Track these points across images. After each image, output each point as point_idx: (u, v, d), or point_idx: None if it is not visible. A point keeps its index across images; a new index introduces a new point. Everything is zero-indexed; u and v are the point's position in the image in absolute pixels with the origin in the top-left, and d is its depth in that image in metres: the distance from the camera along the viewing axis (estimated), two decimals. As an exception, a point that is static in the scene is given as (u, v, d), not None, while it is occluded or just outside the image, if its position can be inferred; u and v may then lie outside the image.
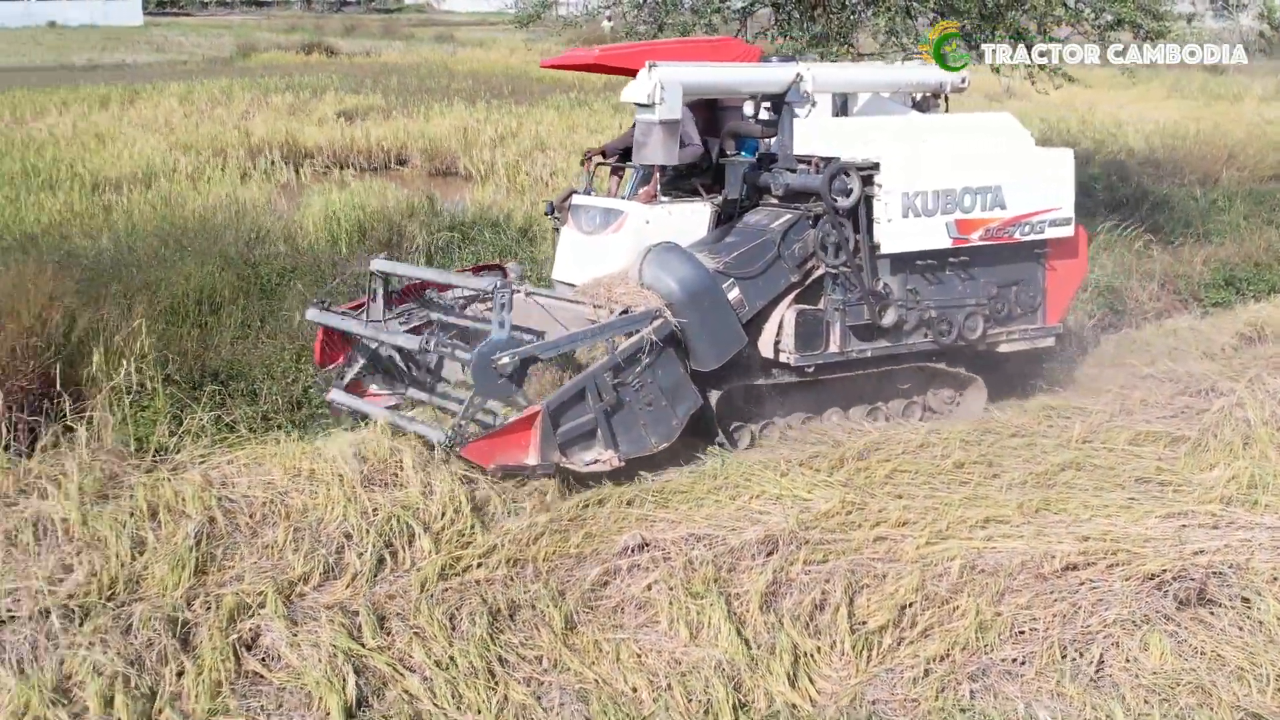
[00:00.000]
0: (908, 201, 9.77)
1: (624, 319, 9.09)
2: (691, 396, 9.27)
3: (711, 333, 9.40)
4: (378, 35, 57.54)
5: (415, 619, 7.06)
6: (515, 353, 8.57)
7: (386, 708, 6.33)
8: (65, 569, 7.52)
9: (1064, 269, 10.84)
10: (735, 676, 6.55)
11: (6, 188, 16.95)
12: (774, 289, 9.77)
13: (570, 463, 8.75)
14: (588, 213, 10.47)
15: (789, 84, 10.15)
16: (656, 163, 9.93)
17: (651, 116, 9.57)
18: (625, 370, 8.94)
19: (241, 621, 7.00)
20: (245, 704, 6.31)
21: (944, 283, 10.29)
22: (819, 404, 10.26)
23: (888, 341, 10.12)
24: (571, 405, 8.75)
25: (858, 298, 9.83)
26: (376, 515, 8.08)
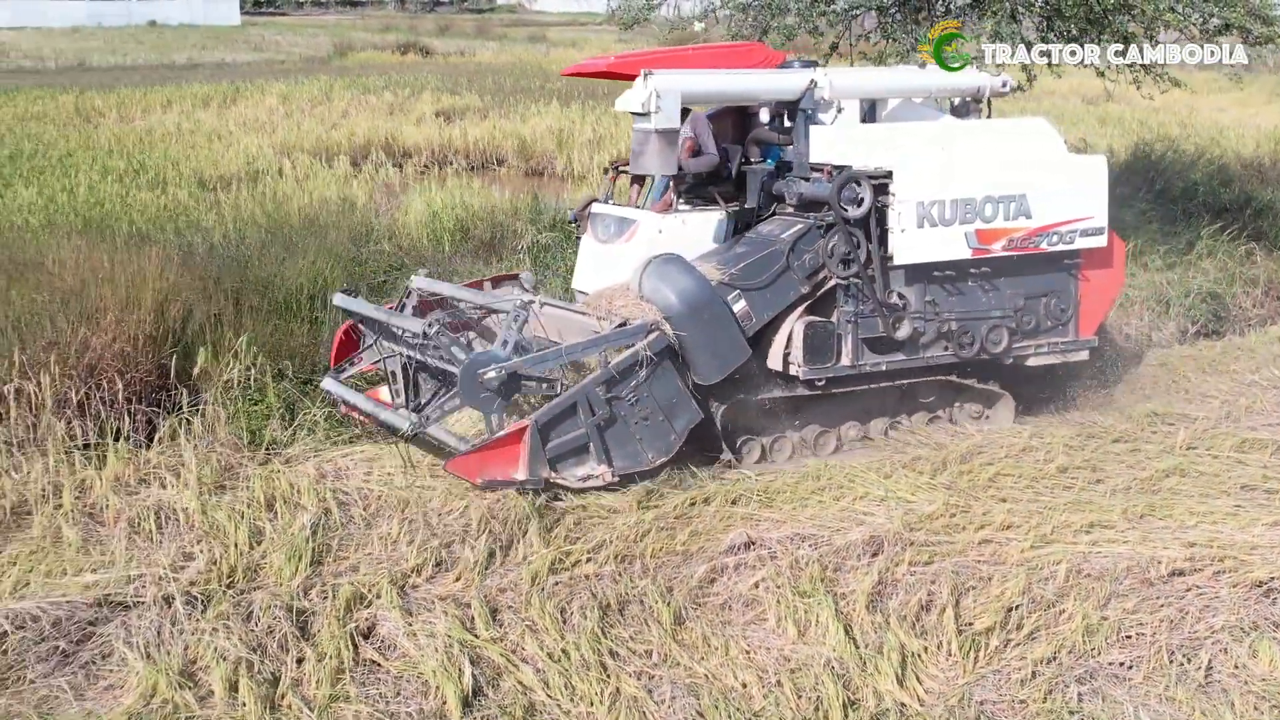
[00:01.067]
0: (923, 211, 9.46)
1: (617, 333, 8.92)
2: (690, 410, 9.06)
3: (712, 346, 9.15)
4: (471, 35, 57.96)
5: (527, 612, 7.20)
6: (503, 367, 8.49)
7: (501, 698, 6.46)
8: (186, 557, 7.77)
9: (1098, 281, 10.43)
10: (844, 674, 6.62)
11: (116, 184, 17.32)
12: (783, 300, 9.49)
13: (562, 478, 8.63)
14: (604, 221, 10.37)
15: (803, 90, 9.96)
16: (653, 172, 9.83)
17: (648, 125, 9.41)
18: (619, 384, 8.77)
19: (358, 611, 7.18)
20: (364, 691, 6.46)
21: (965, 294, 9.95)
22: (835, 417, 9.97)
23: (904, 355, 9.81)
24: (562, 420, 8.61)
25: (870, 309, 9.57)
26: (487, 510, 8.26)
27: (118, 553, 7.75)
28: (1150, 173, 18.57)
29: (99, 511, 8.37)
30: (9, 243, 12.33)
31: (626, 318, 9.06)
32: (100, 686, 6.49)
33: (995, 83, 10.87)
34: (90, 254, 11.46)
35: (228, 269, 12.11)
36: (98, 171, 18.33)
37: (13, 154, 20.49)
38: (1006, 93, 11.00)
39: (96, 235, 12.94)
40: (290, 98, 28.11)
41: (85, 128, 24.77)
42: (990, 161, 9.78)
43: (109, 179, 17.68)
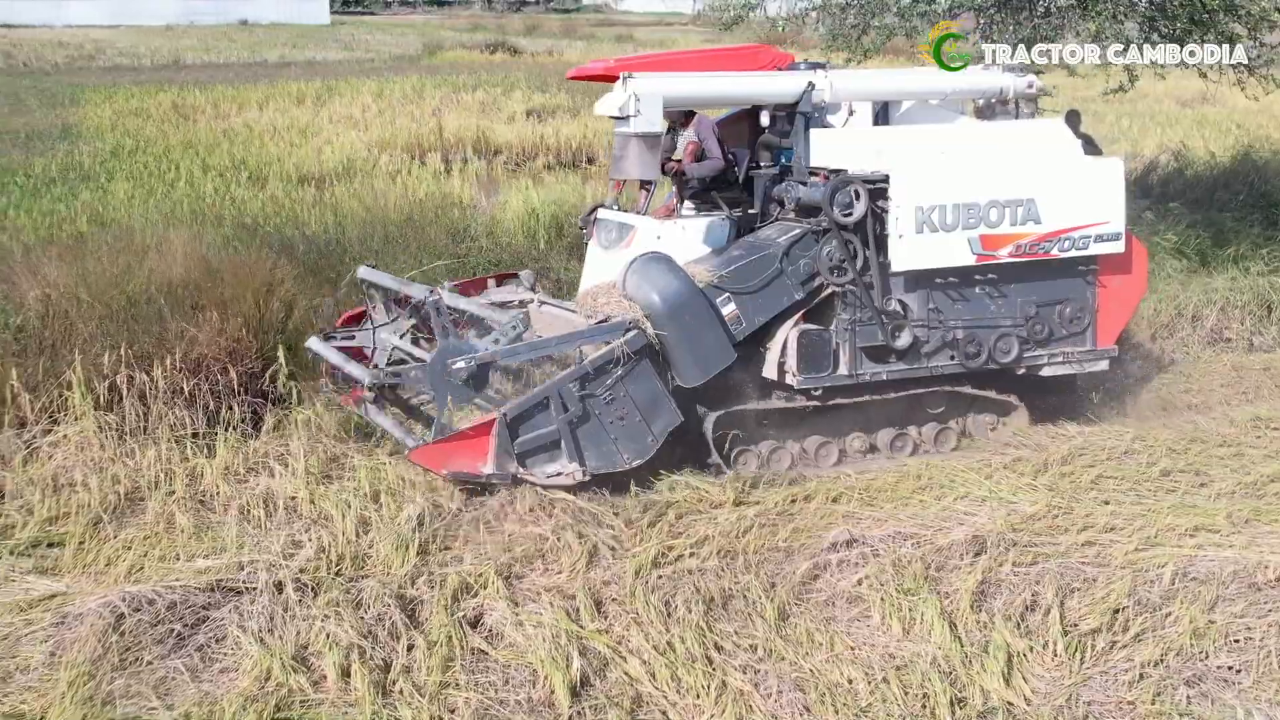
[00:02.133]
0: (922, 216, 9.19)
1: (593, 329, 8.82)
2: (670, 413, 8.90)
3: (694, 347, 8.95)
4: (558, 35, 58.18)
5: (631, 604, 7.25)
6: (472, 358, 8.51)
7: (608, 688, 6.51)
8: (295, 544, 7.90)
9: (1117, 288, 10.05)
10: (950, 672, 6.62)
11: (217, 179, 17.59)
12: (776, 306, 9.27)
13: (530, 474, 8.53)
14: (606, 227, 10.26)
15: (800, 93, 9.65)
16: (633, 177, 9.58)
17: (627, 129, 9.13)
18: (594, 381, 8.65)
19: (464, 600, 7.27)
20: (474, 679, 6.54)
21: (971, 302, 9.67)
22: (838, 428, 9.74)
23: (905, 364, 9.59)
24: (532, 415, 8.51)
25: (869, 317, 9.36)
26: (591, 502, 8.40)
27: (229, 539, 7.89)
28: (1251, 176, 18.32)
29: (209, 499, 8.54)
30: (118, 235, 12.53)
31: (608, 315, 8.97)
32: (215, 669, 6.60)
33: (1020, 84, 10.55)
34: (196, 247, 11.68)
35: (329, 263, 12.27)
36: (198, 167, 18.61)
37: (114, 149, 20.87)
38: (1035, 94, 10.64)
39: (200, 229, 13.16)
40: (382, 95, 28.36)
41: (183, 124, 25.14)
42: (996, 164, 9.52)
43: (209, 175, 17.96)
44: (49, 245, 12.14)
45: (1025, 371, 10.00)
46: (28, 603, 7.25)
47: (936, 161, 9.44)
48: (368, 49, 52.22)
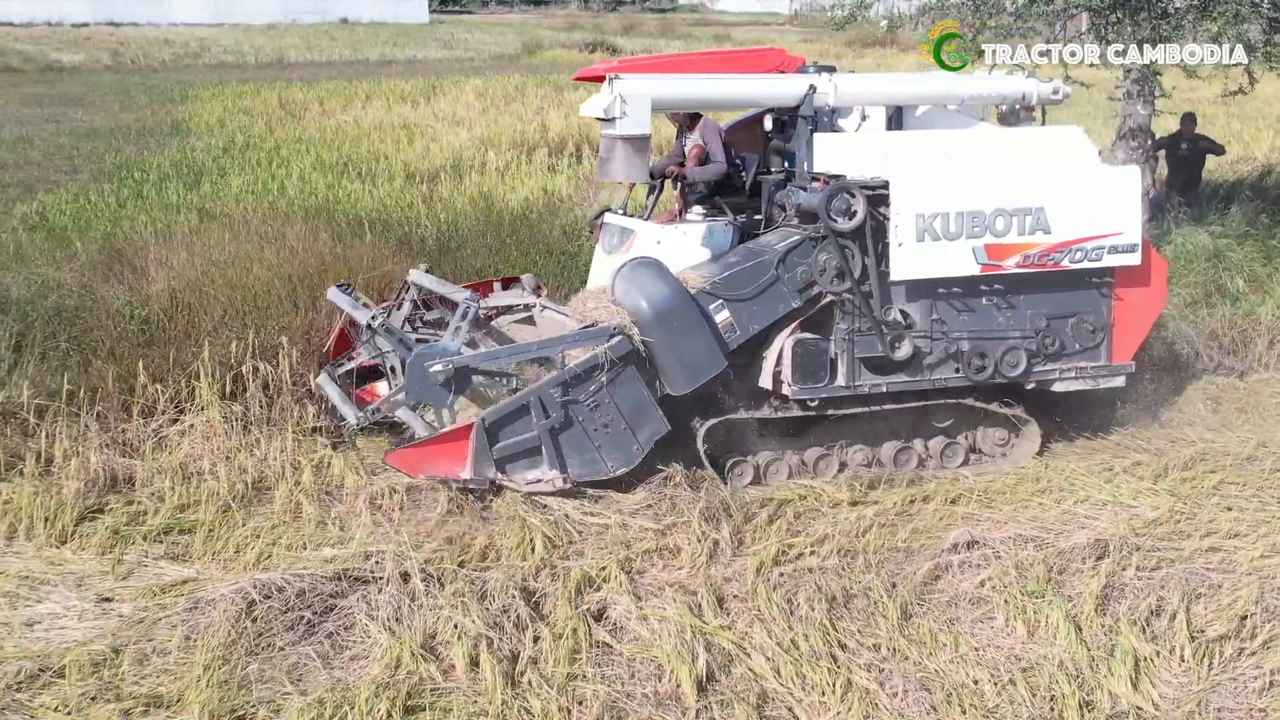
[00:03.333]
0: (923, 224, 8.86)
1: (575, 334, 8.70)
2: (656, 421, 8.72)
3: (682, 355, 8.76)
4: (656, 34, 58.18)
5: (753, 601, 7.29)
6: (450, 361, 8.47)
7: (733, 684, 6.54)
8: (421, 535, 7.98)
9: (1134, 301, 9.62)
10: (1078, 675, 6.59)
11: (329, 175, 17.80)
12: (771, 314, 9.01)
13: (510, 481, 8.48)
14: (609, 231, 10.09)
15: (801, 97, 9.40)
16: (619, 179, 9.34)
17: (613, 131, 8.90)
18: (576, 388, 8.53)
19: (588, 594, 7.33)
20: (600, 672, 6.60)
21: (977, 313, 9.30)
22: (839, 440, 9.46)
23: (907, 376, 9.25)
24: (513, 420, 8.43)
25: (868, 327, 9.06)
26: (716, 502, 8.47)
27: (355, 529, 8.02)
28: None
29: (335, 490, 8.66)
30: (237, 229, 12.74)
31: (595, 320, 8.84)
32: (345, 656, 6.71)
33: (1045, 89, 10.18)
34: (313, 242, 11.86)
35: (443, 258, 12.38)
36: (309, 163, 18.83)
37: (226, 145, 21.18)
38: (1059, 100, 10.31)
39: (315, 223, 13.33)
40: (485, 94, 28.52)
41: (290, 121, 25.44)
42: (1003, 172, 9.14)
43: (321, 171, 18.17)
44: (170, 239, 12.36)
45: (1035, 386, 9.62)
46: (160, 587, 7.42)
47: (939, 168, 9.14)
48: (466, 48, 52.59)
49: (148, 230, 13.15)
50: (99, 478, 8.67)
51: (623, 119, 8.84)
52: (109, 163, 20.51)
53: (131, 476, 8.83)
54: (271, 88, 30.52)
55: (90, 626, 6.96)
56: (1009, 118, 10.32)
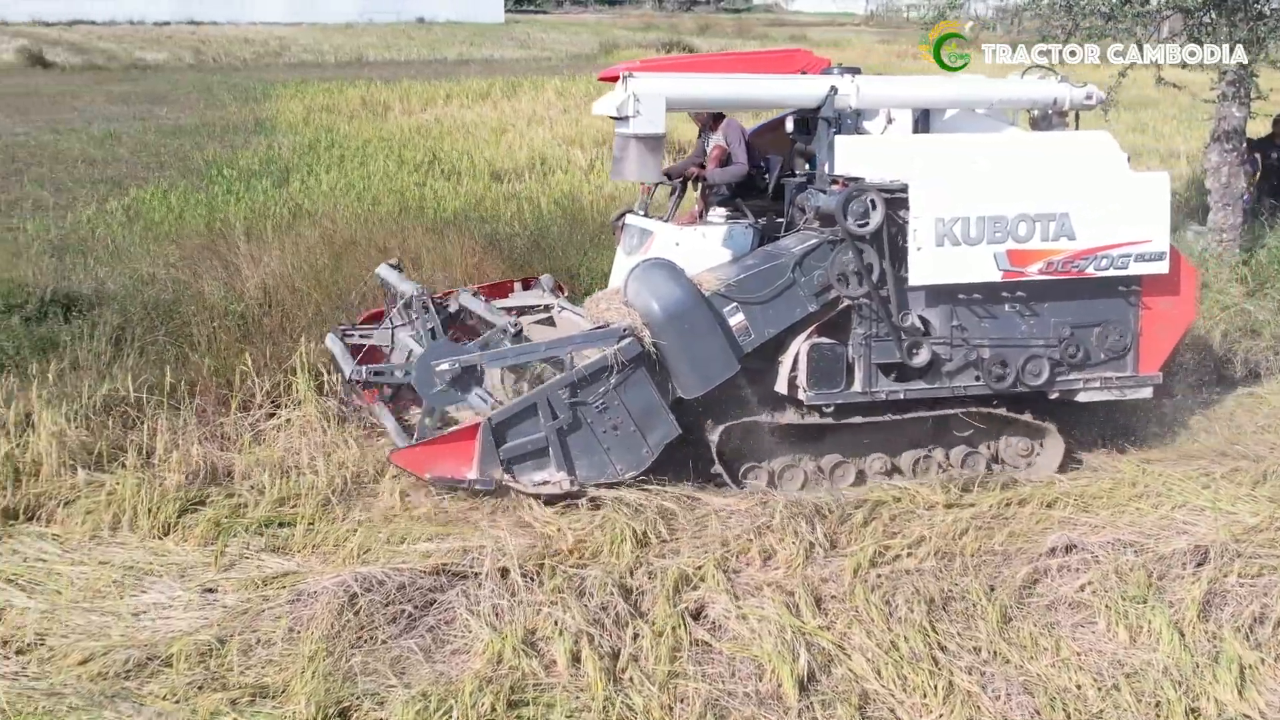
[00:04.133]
0: (943, 228, 8.73)
1: (585, 335, 8.64)
2: (667, 424, 8.63)
3: (694, 357, 8.64)
4: (731, 35, 58.12)
5: (851, 602, 7.28)
6: (456, 360, 8.44)
7: (833, 684, 6.54)
8: (520, 530, 8.06)
9: (1162, 311, 9.41)
10: (1182, 682, 6.54)
11: (414, 173, 17.95)
12: (788, 317, 8.89)
13: (517, 482, 8.38)
14: (629, 233, 9.98)
15: (821, 99, 9.25)
16: (633, 179, 9.28)
17: (626, 130, 8.76)
18: (585, 389, 8.43)
19: (685, 592, 7.35)
20: (700, 670, 6.61)
21: (999, 320, 9.15)
22: (858, 447, 9.31)
23: (925, 382, 9.12)
24: (520, 421, 8.35)
25: (886, 333, 8.93)
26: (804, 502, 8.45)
27: (455, 525, 8.09)
28: None
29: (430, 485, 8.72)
30: (326, 226, 12.88)
31: (606, 321, 8.77)
32: (447, 650, 6.76)
33: (1078, 95, 9.96)
34: (402, 239, 11.96)
35: (533, 257, 12.46)
36: (393, 161, 19.00)
37: (311, 143, 21.39)
38: (1093, 105, 10.10)
39: (403, 221, 13.46)
40: (566, 93, 28.63)
41: (373, 119, 25.65)
42: (1026, 177, 9.01)
43: (406, 168, 18.32)
44: (262, 236, 12.51)
45: (1059, 396, 9.48)
46: (262, 579, 7.50)
47: (960, 171, 9.02)
48: (542, 48, 52.76)
49: (241, 226, 13.30)
50: (200, 470, 8.79)
51: (636, 118, 8.68)
52: (196, 160, 20.80)
53: (230, 469, 8.94)
54: (354, 86, 30.77)
55: (195, 617, 7.05)
56: (1040, 123, 10.17)
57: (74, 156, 21.83)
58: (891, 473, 9.38)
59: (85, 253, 13.44)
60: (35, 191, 18.53)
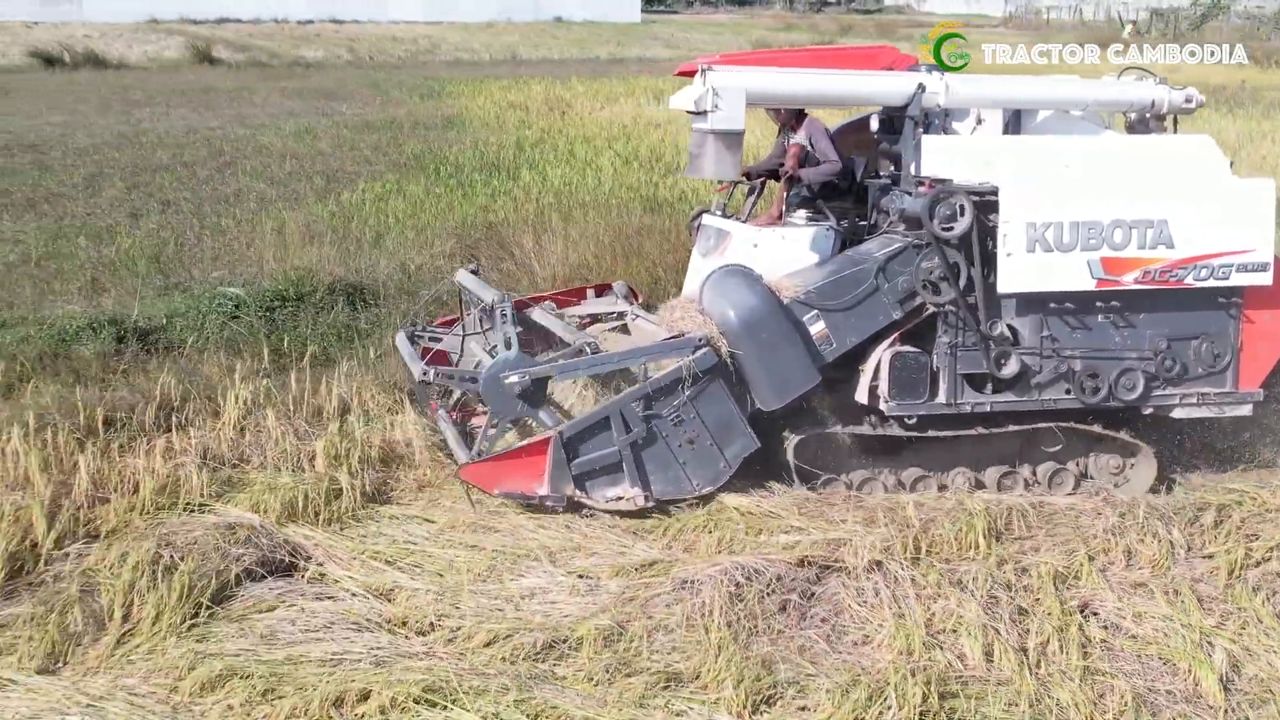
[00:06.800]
0: (1034, 234, 8.36)
1: (659, 345, 8.35)
2: (744, 438, 8.36)
3: (772, 368, 8.37)
4: (874, 35, 57.82)
5: (1233, 603, 7.20)
6: (526, 371, 8.21)
7: (1248, 684, 6.46)
8: (868, 524, 8.06)
9: (1265, 325, 8.98)
10: None
11: (637, 169, 18.07)
12: (870, 325, 8.59)
13: (589, 498, 8.15)
14: (706, 233, 9.60)
15: (909, 97, 8.90)
16: (710, 177, 8.89)
17: (704, 125, 8.43)
18: (659, 402, 8.19)
19: (1062, 589, 7.30)
20: (1110, 665, 6.57)
21: (1092, 330, 8.78)
22: (940, 461, 9.00)
23: (1014, 395, 8.78)
24: (593, 435, 8.11)
25: (973, 342, 8.63)
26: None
27: (808, 518, 8.16)
28: None
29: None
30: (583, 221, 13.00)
31: (681, 330, 8.46)
32: (847, 641, 6.78)
33: (1177, 97, 9.53)
34: (677, 231, 12.02)
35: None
36: (608, 158, 19.13)
37: (518, 141, 21.60)
38: (1192, 109, 9.64)
39: (656, 218, 13.53)
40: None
41: (558, 117, 25.86)
42: (1123, 181, 8.60)
43: (632, 164, 18.44)
44: (546, 226, 12.65)
45: (1153, 412, 9.10)
46: (632, 566, 7.54)
47: (1053, 175, 8.63)
48: (689, 48, 52.84)
49: (514, 218, 13.47)
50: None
51: (715, 113, 8.36)
52: (404, 154, 21.09)
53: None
54: (535, 84, 31.05)
55: (584, 602, 7.12)
56: (1137, 126, 9.76)
57: (277, 151, 22.27)
58: (975, 489, 9.04)
59: (336, 243, 13.66)
60: (253, 184, 18.92)
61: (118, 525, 7.81)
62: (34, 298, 12.43)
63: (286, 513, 7.96)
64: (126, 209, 17.23)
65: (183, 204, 17.50)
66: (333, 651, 6.51)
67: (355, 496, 8.21)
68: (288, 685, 6.15)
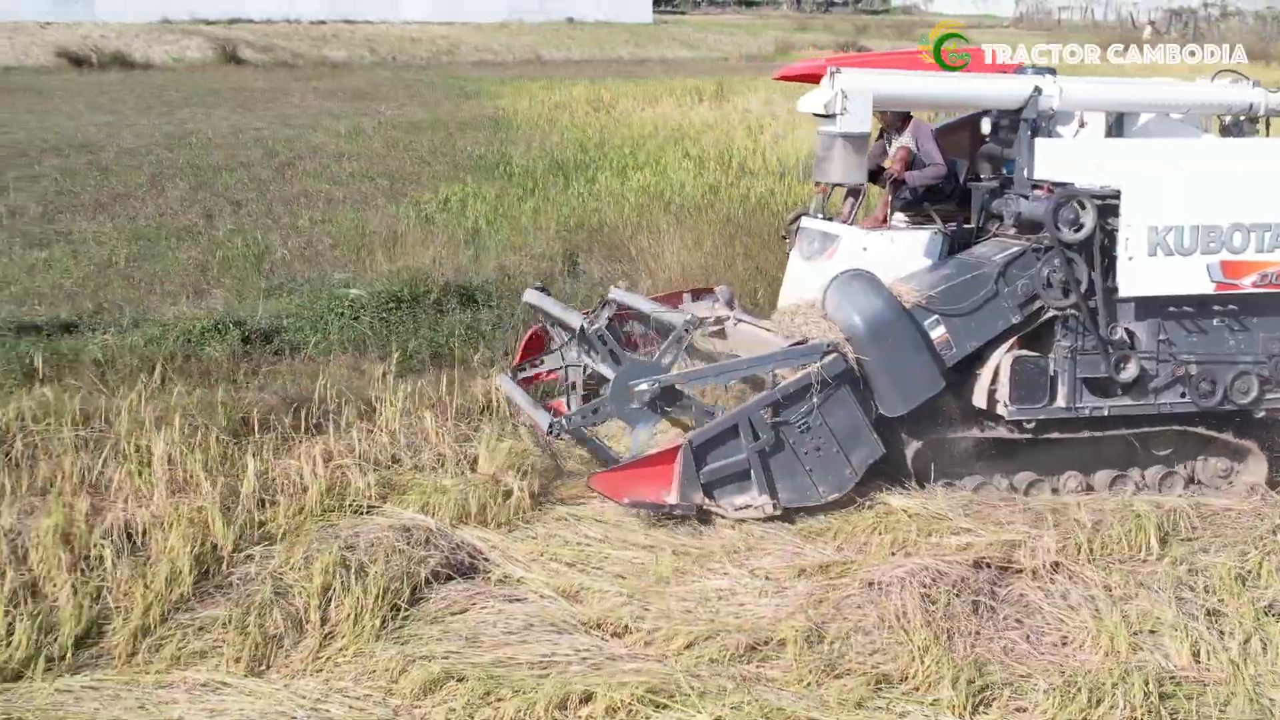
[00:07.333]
0: (1156, 237, 8.36)
1: (787, 351, 8.27)
2: (870, 444, 8.31)
3: (898, 374, 8.35)
4: (893, 36, 57.91)
5: None
6: (656, 380, 8.15)
7: None
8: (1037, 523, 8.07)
9: None
10: None
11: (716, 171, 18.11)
12: (990, 330, 8.59)
13: (717, 506, 8.09)
14: (808, 237, 9.48)
15: (1024, 99, 8.91)
16: (837, 181, 8.95)
17: (832, 128, 8.46)
18: (787, 408, 8.13)
19: (1245, 591, 7.31)
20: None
21: (1208, 334, 8.77)
22: (1051, 465, 8.94)
23: (1131, 399, 8.76)
24: (721, 443, 8.05)
25: (1092, 346, 8.60)
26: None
27: (977, 519, 8.16)
28: None
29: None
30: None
31: (805, 336, 8.42)
32: (1046, 641, 6.79)
33: (1274, 100, 9.55)
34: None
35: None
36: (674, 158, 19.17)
37: (582, 141, 21.62)
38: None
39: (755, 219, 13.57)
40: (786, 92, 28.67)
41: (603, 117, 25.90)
42: (1241, 185, 8.57)
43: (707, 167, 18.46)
44: (652, 228, 12.67)
45: (1265, 415, 9.02)
46: (812, 567, 7.55)
47: (1174, 179, 8.56)
48: (710, 48, 52.90)
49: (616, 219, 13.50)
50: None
51: (843, 115, 8.41)
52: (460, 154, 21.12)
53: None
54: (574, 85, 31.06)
55: (774, 603, 7.12)
56: (1231, 129, 9.77)
57: (331, 151, 22.31)
58: (1086, 492, 8.98)
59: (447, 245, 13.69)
60: (317, 185, 18.96)
61: (287, 527, 7.81)
62: (136, 299, 12.43)
63: (458, 514, 7.96)
64: (197, 210, 17.27)
65: (251, 204, 17.51)
66: (540, 654, 6.52)
67: (525, 498, 8.20)
68: (504, 688, 6.15)
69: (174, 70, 41.01)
